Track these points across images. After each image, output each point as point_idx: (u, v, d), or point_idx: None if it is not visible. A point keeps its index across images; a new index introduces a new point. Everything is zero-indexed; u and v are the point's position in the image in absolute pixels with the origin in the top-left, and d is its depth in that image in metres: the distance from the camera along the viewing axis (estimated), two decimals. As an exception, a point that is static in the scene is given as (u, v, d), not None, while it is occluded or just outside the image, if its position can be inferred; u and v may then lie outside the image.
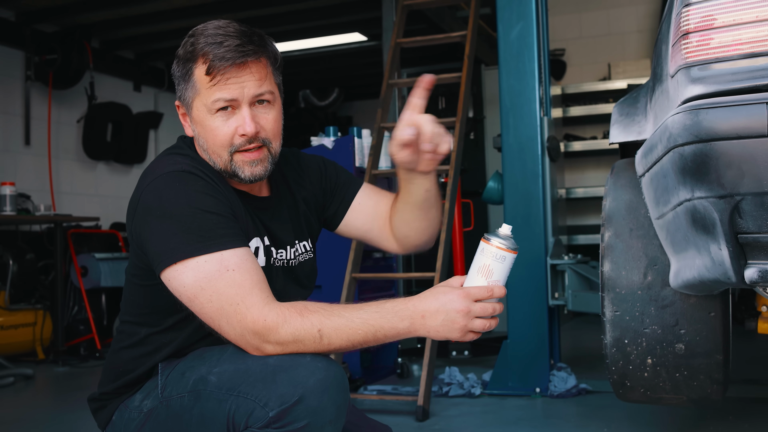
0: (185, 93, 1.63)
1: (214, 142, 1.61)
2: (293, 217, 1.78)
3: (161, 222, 1.52)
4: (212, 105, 1.58)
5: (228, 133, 1.60)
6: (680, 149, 1.54)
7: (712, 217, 1.52)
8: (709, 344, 2.06)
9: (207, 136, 1.62)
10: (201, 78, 1.58)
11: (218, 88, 1.57)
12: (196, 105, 1.61)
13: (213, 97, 1.58)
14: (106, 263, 5.79)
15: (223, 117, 1.59)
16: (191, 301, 1.50)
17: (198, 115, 1.62)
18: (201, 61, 1.58)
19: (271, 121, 1.63)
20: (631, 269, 2.14)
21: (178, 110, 1.69)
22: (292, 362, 1.44)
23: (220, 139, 1.60)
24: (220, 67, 1.55)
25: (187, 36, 1.63)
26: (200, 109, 1.61)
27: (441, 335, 1.47)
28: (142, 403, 1.64)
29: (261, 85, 1.60)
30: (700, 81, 1.56)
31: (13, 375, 4.66)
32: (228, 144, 1.60)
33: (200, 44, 1.58)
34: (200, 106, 1.61)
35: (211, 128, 1.60)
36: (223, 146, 1.61)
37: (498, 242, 1.48)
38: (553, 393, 3.65)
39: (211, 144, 1.62)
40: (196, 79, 1.59)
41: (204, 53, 1.57)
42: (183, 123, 1.69)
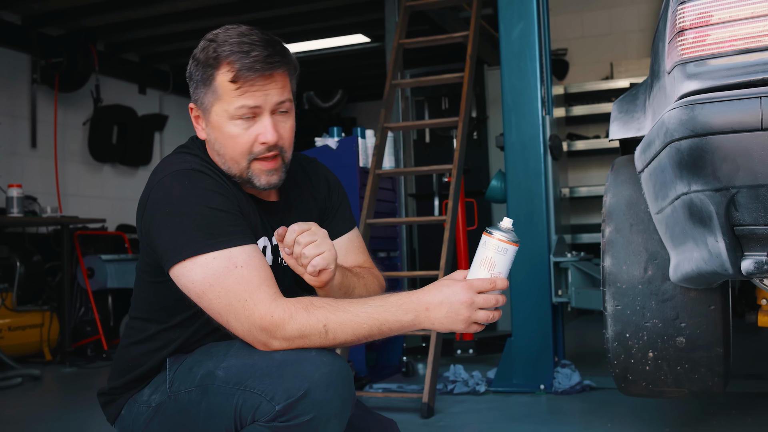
0: (203, 97, 1.64)
1: (233, 149, 1.62)
2: (304, 221, 1.79)
3: (170, 219, 1.55)
4: (235, 112, 1.59)
5: (248, 141, 1.61)
6: (677, 144, 1.56)
7: (708, 210, 1.54)
8: (710, 337, 2.08)
9: (225, 142, 1.63)
10: (224, 84, 1.59)
11: (244, 96, 1.59)
12: (216, 110, 1.62)
13: (236, 104, 1.59)
14: (112, 265, 5.83)
15: (243, 124, 1.61)
16: (200, 297, 1.52)
17: (217, 120, 1.63)
18: (226, 68, 1.59)
19: (289, 130, 1.66)
20: (632, 264, 2.17)
21: (191, 112, 1.70)
22: (298, 357, 1.46)
23: (239, 147, 1.62)
24: (248, 77, 1.57)
25: (206, 40, 1.64)
26: (220, 114, 1.62)
27: (445, 327, 1.50)
28: (151, 397, 1.66)
29: (282, 93, 1.62)
30: (695, 77, 1.59)
31: (20, 375, 4.69)
32: (247, 151, 1.62)
33: (224, 51, 1.59)
34: (220, 112, 1.62)
35: (230, 134, 1.61)
36: (243, 153, 1.62)
37: (500, 235, 1.50)
38: (558, 390, 3.68)
39: (229, 150, 1.63)
40: (218, 85, 1.60)
41: (229, 61, 1.58)
42: (195, 125, 1.70)
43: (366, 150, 4.42)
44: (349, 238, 1.89)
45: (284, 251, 1.56)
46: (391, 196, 4.71)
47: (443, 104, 7.20)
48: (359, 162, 4.30)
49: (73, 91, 6.82)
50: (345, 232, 1.89)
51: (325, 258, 1.54)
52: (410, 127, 5.28)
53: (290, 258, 1.56)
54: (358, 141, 4.35)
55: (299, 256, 1.54)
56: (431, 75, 6.02)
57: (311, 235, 1.54)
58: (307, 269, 1.54)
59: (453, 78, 4.34)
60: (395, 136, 4.80)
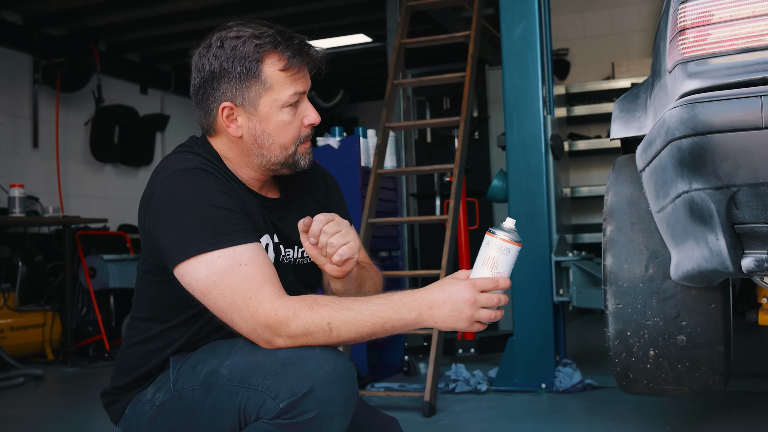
0: (247, 92, 1.64)
1: (285, 137, 1.67)
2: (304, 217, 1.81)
3: (174, 218, 1.55)
4: (289, 99, 1.65)
5: (298, 126, 1.69)
6: (678, 142, 1.57)
7: (709, 208, 1.55)
8: (710, 335, 2.09)
9: (276, 131, 1.67)
10: (274, 74, 1.63)
11: (297, 82, 1.65)
12: (265, 102, 1.65)
13: (290, 92, 1.65)
14: (114, 264, 5.83)
15: (292, 111, 1.67)
16: (204, 295, 1.53)
17: (267, 112, 1.66)
18: (275, 57, 1.63)
19: None
20: (633, 262, 2.17)
21: (223, 112, 1.66)
22: (302, 355, 1.47)
23: (292, 133, 1.68)
24: (297, 63, 1.64)
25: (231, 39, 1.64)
26: (270, 105, 1.65)
27: (448, 326, 1.51)
28: (155, 396, 1.66)
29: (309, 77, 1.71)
30: (696, 76, 1.59)
31: (23, 375, 4.70)
32: (297, 136, 1.69)
33: (267, 42, 1.63)
34: (270, 102, 1.65)
35: (282, 123, 1.66)
36: (293, 139, 1.68)
37: (502, 235, 1.52)
38: (559, 389, 3.68)
39: (280, 138, 1.67)
40: (266, 76, 1.63)
41: (278, 50, 1.63)
42: (228, 125, 1.66)
43: (368, 149, 4.43)
44: None
45: (308, 241, 1.58)
46: (393, 195, 4.72)
47: (444, 104, 7.21)
48: (361, 161, 4.31)
49: (74, 91, 6.83)
50: None
51: (351, 248, 1.58)
52: (412, 126, 5.29)
53: (313, 248, 1.58)
54: (359, 140, 4.36)
55: (325, 245, 1.57)
56: (432, 75, 6.02)
57: (336, 225, 1.58)
58: (333, 258, 1.57)
59: (454, 78, 4.35)
60: (397, 136, 4.82)
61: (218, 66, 1.64)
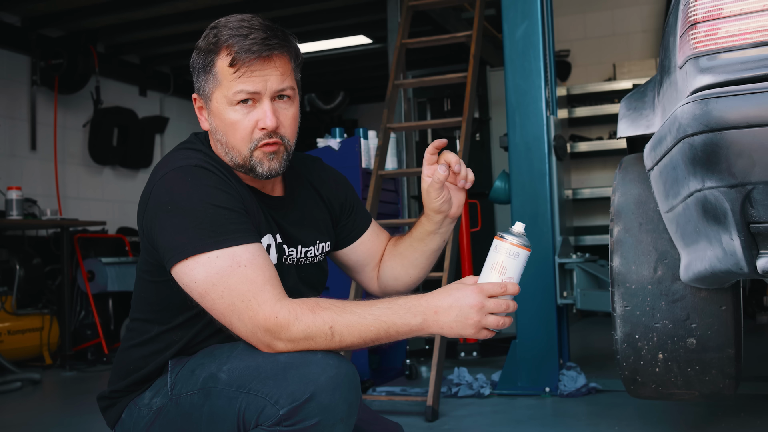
0: (204, 85, 1.62)
1: (234, 136, 1.60)
2: (308, 218, 1.77)
3: (172, 217, 1.51)
4: (233, 96, 1.57)
5: (248, 127, 1.59)
6: (690, 139, 1.52)
7: (723, 207, 1.50)
8: (721, 338, 2.04)
9: (226, 129, 1.60)
10: (223, 69, 1.57)
11: (242, 80, 1.56)
12: (216, 97, 1.60)
13: (235, 89, 1.56)
14: (112, 268, 5.79)
15: (243, 110, 1.58)
16: (202, 297, 1.49)
17: (217, 108, 1.60)
18: (225, 52, 1.57)
19: (290, 118, 1.63)
20: (641, 264, 2.13)
21: (195, 103, 1.68)
22: (303, 359, 1.43)
23: (240, 133, 1.59)
24: (245, 59, 1.55)
25: (208, 28, 1.63)
26: (220, 101, 1.59)
27: (454, 332, 1.46)
28: (152, 400, 1.63)
29: (283, 80, 1.59)
30: (709, 71, 1.55)
31: (20, 380, 4.65)
32: (248, 139, 1.59)
33: (224, 36, 1.57)
34: (220, 98, 1.59)
35: (230, 121, 1.59)
36: (244, 140, 1.59)
37: (512, 239, 1.49)
38: (563, 392, 3.64)
39: (230, 137, 1.60)
40: (217, 71, 1.58)
41: (228, 45, 1.56)
42: (199, 116, 1.68)
43: (368, 151, 4.39)
44: (374, 231, 1.91)
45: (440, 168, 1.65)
46: (394, 197, 4.67)
47: (445, 105, 7.18)
48: (362, 163, 4.26)
49: (73, 93, 6.79)
50: (369, 224, 1.91)
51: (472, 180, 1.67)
52: (413, 127, 5.25)
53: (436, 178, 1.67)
54: (360, 142, 4.32)
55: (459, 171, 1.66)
56: (433, 76, 5.99)
57: None
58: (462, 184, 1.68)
59: (456, 78, 4.31)
60: (398, 137, 4.78)
61: (194, 56, 1.64)
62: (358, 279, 1.94)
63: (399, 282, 1.89)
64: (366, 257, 1.90)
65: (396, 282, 1.89)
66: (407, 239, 1.85)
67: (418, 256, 1.84)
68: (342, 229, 1.88)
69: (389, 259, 1.89)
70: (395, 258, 1.87)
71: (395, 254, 1.87)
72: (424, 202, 1.74)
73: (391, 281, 1.89)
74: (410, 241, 1.84)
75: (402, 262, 1.86)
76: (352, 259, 1.91)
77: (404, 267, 1.87)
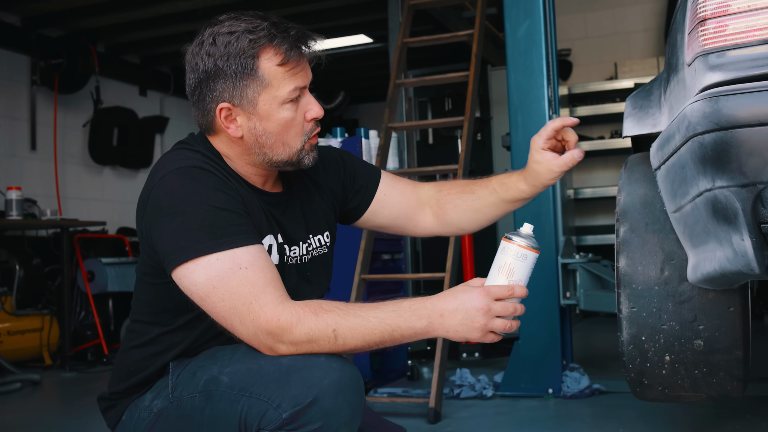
0: (244, 90, 1.55)
1: (288, 134, 1.59)
2: (308, 211, 1.75)
3: (172, 219, 1.48)
4: (289, 95, 1.57)
5: (300, 121, 1.60)
6: (700, 138, 1.50)
7: (734, 206, 1.48)
8: (729, 340, 2.01)
9: (278, 130, 1.58)
10: (272, 70, 1.55)
11: (296, 77, 1.57)
12: (264, 99, 1.56)
13: (290, 87, 1.56)
14: (113, 268, 5.77)
15: (293, 107, 1.59)
16: (203, 300, 1.46)
17: (267, 110, 1.57)
18: (271, 52, 1.54)
19: None
20: (648, 264, 2.10)
21: (221, 113, 1.58)
22: (306, 362, 1.41)
23: (295, 129, 1.60)
24: (295, 57, 1.56)
25: (223, 35, 1.55)
26: (269, 102, 1.57)
27: (460, 335, 1.44)
28: (153, 402, 1.60)
29: (310, 69, 1.63)
30: (718, 68, 1.52)
31: (20, 380, 4.63)
32: (302, 132, 1.61)
33: (262, 36, 1.54)
34: (269, 100, 1.56)
35: (284, 120, 1.58)
36: (298, 135, 1.60)
37: (520, 240, 1.47)
38: (566, 394, 3.61)
39: (283, 136, 1.59)
40: (264, 72, 1.55)
41: (273, 45, 1.54)
42: (227, 126, 1.59)
43: (370, 150, 4.36)
44: (388, 182, 1.90)
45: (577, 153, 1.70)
46: (395, 197, 4.64)
47: (446, 105, 7.15)
48: (363, 163, 4.23)
49: (72, 93, 6.77)
50: (379, 181, 1.89)
51: None
52: (415, 127, 5.22)
53: None
54: (361, 141, 4.29)
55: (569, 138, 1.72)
56: (433, 76, 5.97)
57: None
58: None
59: (458, 77, 4.28)
60: (398, 137, 4.75)
61: (212, 65, 1.55)
62: (399, 232, 1.96)
63: (464, 226, 1.93)
64: (392, 212, 1.90)
65: (459, 230, 1.94)
66: (490, 197, 1.85)
67: (498, 214, 1.89)
68: (351, 202, 1.88)
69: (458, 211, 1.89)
70: (468, 213, 1.88)
71: (467, 209, 1.88)
72: (535, 177, 1.76)
73: (453, 229, 1.93)
74: (496, 201, 1.85)
75: (476, 216, 1.88)
76: (381, 218, 1.91)
77: (477, 220, 1.90)
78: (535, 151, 1.74)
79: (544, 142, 1.73)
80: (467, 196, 1.88)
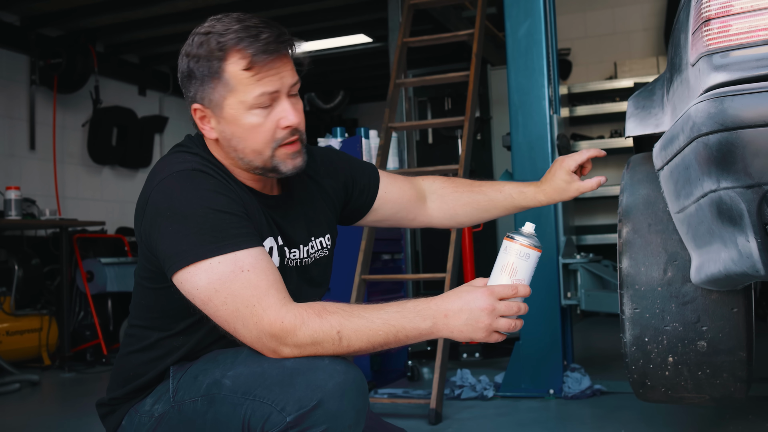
0: (211, 93, 1.54)
1: (255, 140, 1.55)
2: (308, 214, 1.74)
3: (172, 223, 1.47)
4: (255, 101, 1.52)
5: (270, 129, 1.55)
6: (705, 138, 1.49)
7: (739, 207, 1.47)
8: (732, 341, 2.01)
9: (245, 135, 1.55)
10: (237, 74, 1.51)
11: (261, 82, 1.51)
12: (230, 103, 1.53)
13: (255, 92, 1.51)
14: (112, 268, 5.75)
15: (262, 112, 1.54)
16: (205, 303, 1.45)
17: (232, 114, 1.54)
18: (237, 56, 1.51)
19: (301, 112, 1.60)
20: (651, 265, 2.09)
21: (195, 114, 1.59)
22: (310, 365, 1.39)
23: (262, 136, 1.54)
24: (262, 62, 1.50)
25: (200, 35, 1.56)
26: (235, 107, 1.53)
27: (465, 335, 1.43)
28: (153, 407, 1.59)
29: (294, 74, 1.57)
30: (723, 68, 1.51)
31: (18, 381, 4.62)
32: (271, 139, 1.55)
33: (230, 39, 1.51)
34: (235, 104, 1.53)
35: (251, 125, 1.54)
36: (266, 143, 1.55)
37: (522, 240, 1.46)
38: (567, 394, 3.60)
39: (251, 143, 1.55)
40: (229, 76, 1.52)
41: (239, 48, 1.50)
42: (202, 127, 1.60)
43: (370, 150, 4.35)
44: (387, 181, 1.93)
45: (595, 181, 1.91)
46: (396, 197, 4.62)
47: (446, 105, 7.15)
48: (363, 163, 4.22)
49: (72, 93, 6.76)
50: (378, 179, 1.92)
51: None
52: (415, 126, 5.21)
53: None
54: (362, 141, 4.28)
55: None
56: (434, 75, 5.96)
57: None
58: None
59: (458, 77, 4.27)
60: (398, 137, 4.74)
61: (186, 66, 1.56)
62: (397, 225, 2.00)
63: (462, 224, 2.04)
64: (392, 209, 1.94)
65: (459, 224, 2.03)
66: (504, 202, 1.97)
67: (503, 215, 2.01)
68: (354, 203, 1.89)
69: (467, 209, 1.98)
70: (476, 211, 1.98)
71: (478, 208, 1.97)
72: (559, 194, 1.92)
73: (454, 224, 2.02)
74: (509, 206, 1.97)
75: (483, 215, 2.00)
76: (381, 216, 1.94)
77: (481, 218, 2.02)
78: (564, 172, 1.90)
79: (576, 165, 1.91)
80: (478, 196, 1.96)
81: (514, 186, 1.95)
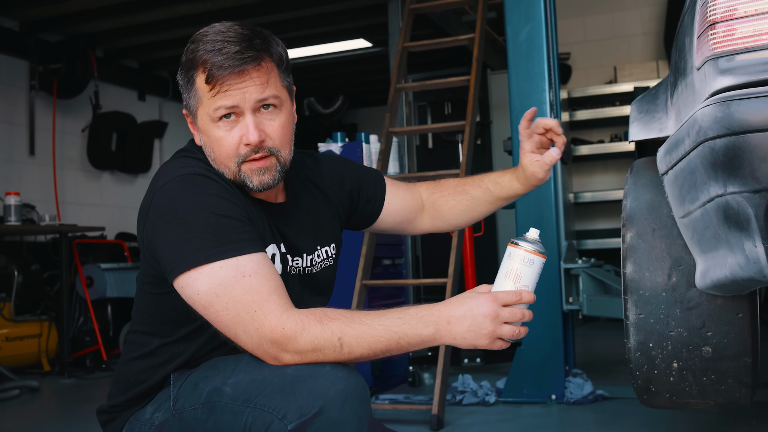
0: (190, 101, 1.57)
1: (220, 152, 1.54)
2: (313, 223, 1.72)
3: (174, 227, 1.45)
4: (214, 113, 1.52)
5: (233, 143, 1.53)
6: (711, 143, 1.47)
7: (746, 212, 1.45)
8: (737, 346, 1.99)
9: (213, 146, 1.55)
10: (202, 86, 1.52)
11: (219, 96, 1.50)
12: (200, 114, 1.55)
13: (214, 106, 1.51)
14: (111, 273, 5.74)
15: (226, 126, 1.52)
16: (206, 309, 1.43)
17: (202, 124, 1.56)
18: (201, 69, 1.51)
19: (278, 128, 1.55)
20: (655, 270, 2.08)
21: (187, 119, 1.63)
22: (312, 372, 1.38)
23: (225, 150, 1.53)
24: (219, 76, 1.49)
25: (189, 42, 1.57)
26: (204, 118, 1.54)
27: (468, 342, 1.41)
28: (154, 415, 1.57)
29: (264, 89, 1.52)
30: (729, 72, 1.50)
31: (18, 387, 4.60)
32: (234, 154, 1.53)
33: (200, 51, 1.51)
34: (203, 115, 1.54)
35: (215, 138, 1.54)
36: (230, 156, 1.54)
37: (526, 246, 1.45)
38: (570, 400, 3.58)
39: (217, 154, 1.55)
40: (197, 88, 1.53)
41: (203, 61, 1.50)
42: (192, 131, 1.63)
43: (370, 155, 4.35)
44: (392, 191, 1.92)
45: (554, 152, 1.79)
46: (396, 202, 4.61)
47: (446, 109, 7.14)
48: (364, 167, 4.21)
49: (71, 98, 6.74)
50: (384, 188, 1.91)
51: None
52: (416, 131, 5.20)
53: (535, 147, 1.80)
54: (362, 146, 4.27)
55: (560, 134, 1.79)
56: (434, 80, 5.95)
57: None
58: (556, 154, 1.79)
59: (459, 81, 4.26)
60: (399, 142, 4.73)
61: (179, 72, 1.60)
62: (399, 233, 2.01)
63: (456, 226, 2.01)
64: (396, 219, 1.94)
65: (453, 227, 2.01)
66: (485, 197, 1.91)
67: (492, 209, 1.96)
68: (360, 212, 1.88)
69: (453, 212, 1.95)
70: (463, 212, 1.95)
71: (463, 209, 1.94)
72: (526, 176, 1.83)
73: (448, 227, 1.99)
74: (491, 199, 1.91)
75: (471, 215, 1.96)
76: (384, 225, 1.94)
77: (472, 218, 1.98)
78: (526, 157, 1.83)
79: (533, 146, 1.82)
80: (461, 197, 1.93)
81: (491, 177, 1.92)
